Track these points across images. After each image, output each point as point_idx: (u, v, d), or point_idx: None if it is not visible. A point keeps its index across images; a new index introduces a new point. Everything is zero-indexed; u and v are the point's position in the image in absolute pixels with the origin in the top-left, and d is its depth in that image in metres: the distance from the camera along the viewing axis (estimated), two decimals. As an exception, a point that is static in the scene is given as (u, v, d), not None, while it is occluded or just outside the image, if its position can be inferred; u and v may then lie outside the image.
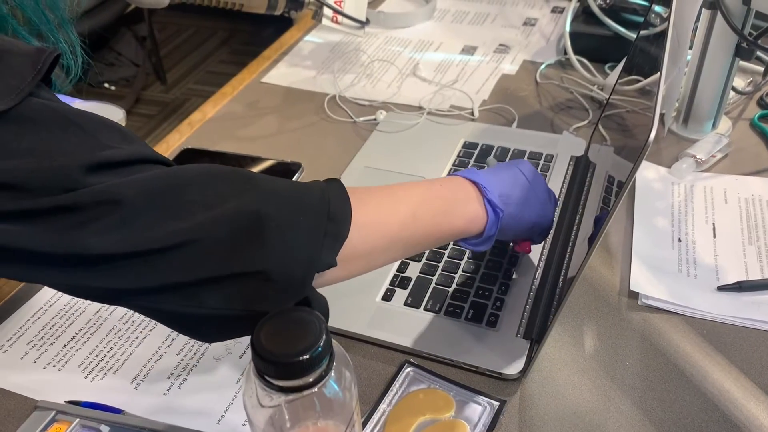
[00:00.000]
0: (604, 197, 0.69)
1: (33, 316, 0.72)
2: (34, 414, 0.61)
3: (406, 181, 0.61)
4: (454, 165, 0.91)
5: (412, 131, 0.99)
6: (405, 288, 0.72)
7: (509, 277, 0.72)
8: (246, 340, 0.64)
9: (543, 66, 1.12)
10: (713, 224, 0.80)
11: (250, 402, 0.45)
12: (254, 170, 0.91)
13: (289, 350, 0.42)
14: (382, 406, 0.61)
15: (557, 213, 0.79)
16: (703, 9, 0.85)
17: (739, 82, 0.99)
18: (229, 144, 0.99)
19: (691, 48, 0.90)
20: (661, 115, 0.94)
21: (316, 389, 0.43)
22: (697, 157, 0.87)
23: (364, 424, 0.60)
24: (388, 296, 0.72)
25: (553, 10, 1.30)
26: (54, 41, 0.55)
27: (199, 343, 0.68)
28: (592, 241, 0.57)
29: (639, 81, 0.94)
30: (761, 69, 0.99)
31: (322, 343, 0.42)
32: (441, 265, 0.75)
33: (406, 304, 0.71)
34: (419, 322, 0.69)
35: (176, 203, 0.45)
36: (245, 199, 0.48)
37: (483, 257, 0.75)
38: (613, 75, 1.03)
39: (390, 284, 0.73)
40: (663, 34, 0.61)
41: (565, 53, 1.11)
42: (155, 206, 0.45)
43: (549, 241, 0.76)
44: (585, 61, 1.08)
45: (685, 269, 0.74)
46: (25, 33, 0.53)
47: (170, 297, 0.46)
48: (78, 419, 0.60)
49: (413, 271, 0.74)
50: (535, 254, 0.75)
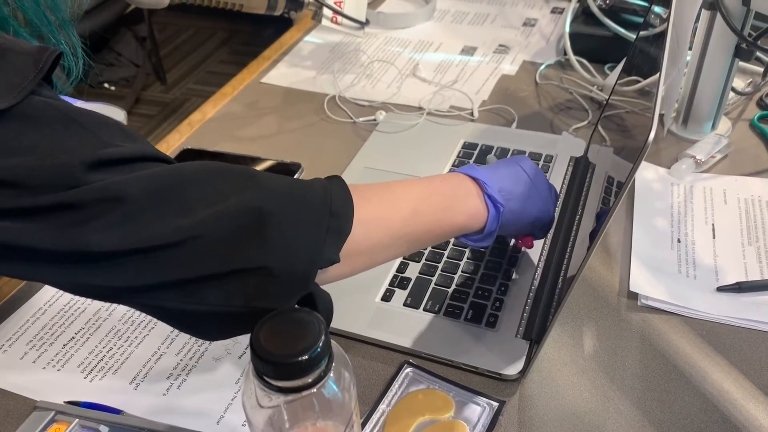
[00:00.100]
0: (604, 198, 0.69)
1: (32, 317, 0.72)
2: (33, 414, 0.61)
3: (407, 179, 0.61)
4: (453, 165, 0.91)
5: (411, 132, 0.99)
6: (404, 288, 0.72)
7: (509, 278, 0.72)
8: (245, 340, 0.64)
9: (543, 66, 1.12)
10: (713, 225, 0.80)
11: (249, 402, 0.45)
12: (254, 170, 0.90)
13: (288, 351, 0.42)
14: (382, 406, 0.61)
15: (558, 212, 0.79)
16: (702, 10, 0.85)
17: (738, 83, 0.99)
18: (229, 144, 0.99)
19: (690, 49, 0.90)
20: (661, 116, 0.95)
21: (315, 390, 0.43)
22: (697, 157, 0.87)
23: (364, 425, 0.60)
24: (387, 297, 0.72)
25: (553, 11, 1.30)
26: (55, 43, 0.55)
27: (199, 343, 0.68)
28: (593, 238, 0.57)
29: (638, 81, 0.94)
30: (761, 70, 0.99)
31: (321, 344, 0.42)
32: (440, 265, 0.75)
33: (405, 304, 0.71)
34: (419, 323, 0.69)
35: (178, 200, 0.45)
36: (247, 196, 0.48)
37: (482, 258, 0.75)
38: (613, 76, 1.03)
39: (389, 285, 0.73)
40: (662, 35, 0.61)
41: (565, 54, 1.11)
42: (157, 203, 0.45)
43: (548, 241, 0.76)
44: (584, 61, 1.08)
45: (685, 270, 0.74)
46: (26, 35, 0.52)
47: (171, 294, 0.46)
48: (77, 419, 0.60)
49: (413, 271, 0.74)
50: (535, 255, 0.75)
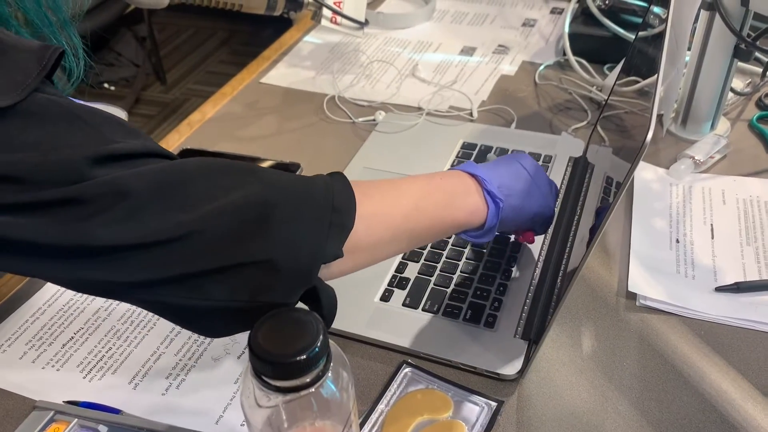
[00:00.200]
0: (603, 198, 0.69)
1: (32, 317, 0.72)
2: (32, 414, 0.61)
3: (407, 176, 0.62)
4: (452, 166, 0.91)
5: (411, 132, 0.99)
6: (403, 288, 0.72)
7: (507, 278, 0.73)
8: (244, 340, 0.64)
9: (542, 67, 1.12)
10: (711, 225, 0.80)
11: (248, 402, 0.46)
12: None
13: (287, 350, 0.42)
14: (380, 406, 0.61)
15: (556, 213, 0.79)
16: (701, 10, 0.85)
17: (737, 83, 0.99)
18: (229, 144, 0.99)
19: (689, 49, 0.90)
20: (660, 116, 0.95)
21: (313, 389, 0.44)
22: (696, 158, 0.87)
23: (363, 424, 0.60)
24: (386, 297, 0.72)
25: (552, 11, 1.30)
26: (56, 43, 0.55)
27: (198, 343, 0.69)
28: (592, 234, 0.57)
29: (637, 82, 0.94)
30: (760, 70, 0.99)
31: (319, 344, 0.42)
32: (439, 265, 0.75)
33: (404, 304, 0.71)
34: (417, 323, 0.69)
35: (181, 195, 0.46)
36: (250, 191, 0.48)
37: (481, 258, 0.75)
38: (612, 76, 1.03)
39: (388, 285, 0.73)
40: (661, 36, 0.61)
41: (564, 54, 1.11)
42: (161, 198, 0.45)
43: (547, 241, 0.76)
44: (584, 62, 1.08)
45: (683, 270, 0.74)
46: (27, 35, 0.52)
47: (174, 289, 0.46)
48: (76, 419, 0.60)
49: (411, 271, 0.74)
50: (534, 255, 0.75)
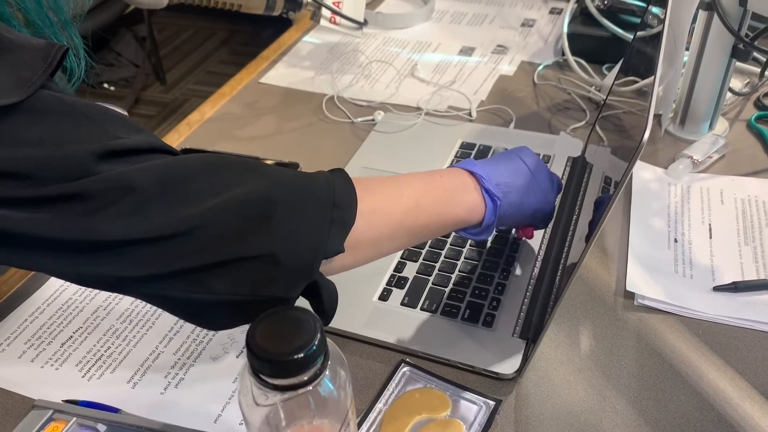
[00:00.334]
0: (601, 198, 0.69)
1: (31, 316, 0.72)
2: (31, 413, 0.61)
3: (406, 173, 0.62)
4: (451, 165, 0.91)
5: (409, 132, 0.99)
6: (402, 288, 0.73)
7: (506, 278, 0.73)
8: (243, 338, 0.64)
9: (541, 67, 1.12)
10: (709, 225, 0.80)
11: (246, 401, 0.46)
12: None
13: (284, 349, 0.42)
14: (378, 405, 0.62)
15: (555, 213, 0.79)
16: (699, 10, 0.86)
17: (735, 83, 0.99)
18: (228, 144, 0.99)
19: (688, 49, 0.90)
20: (659, 116, 0.95)
21: (310, 388, 0.44)
22: (694, 158, 0.87)
23: (361, 423, 0.60)
24: (384, 296, 0.72)
25: (551, 12, 1.30)
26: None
27: (197, 342, 0.69)
28: (591, 230, 0.57)
29: (636, 82, 0.94)
30: (758, 70, 0.99)
31: (316, 342, 0.43)
32: (438, 265, 0.75)
33: (402, 303, 0.71)
34: (416, 322, 0.69)
35: (185, 190, 0.46)
36: (252, 186, 0.49)
37: (479, 257, 0.75)
38: (611, 76, 1.03)
39: (387, 284, 0.73)
40: (659, 36, 0.61)
41: (563, 54, 1.11)
42: (165, 193, 0.46)
43: (546, 240, 0.76)
44: (582, 62, 1.09)
45: (681, 270, 0.74)
46: (28, 35, 0.53)
47: (177, 283, 0.47)
48: (75, 418, 0.60)
49: (410, 271, 0.74)
50: (532, 254, 0.75)
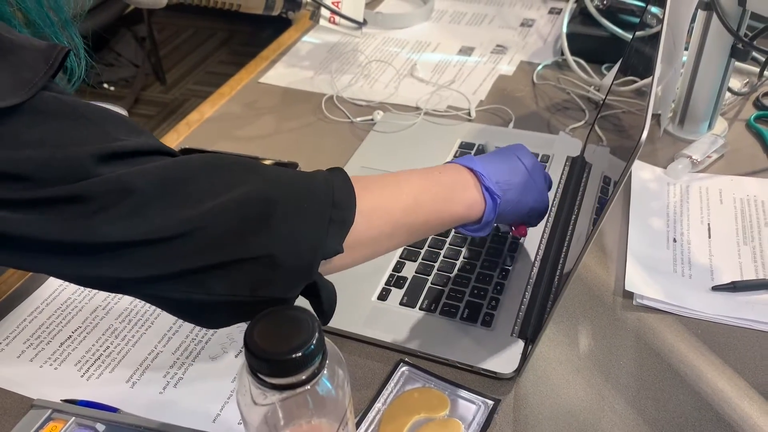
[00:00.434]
0: (600, 198, 0.69)
1: (30, 315, 0.72)
2: (30, 412, 0.61)
3: (405, 170, 0.62)
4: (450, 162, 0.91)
5: (409, 131, 0.99)
6: (401, 288, 0.73)
7: (504, 277, 0.73)
8: (242, 338, 0.64)
9: (540, 67, 1.12)
10: (708, 224, 0.80)
11: (244, 400, 0.46)
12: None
13: (282, 348, 0.42)
14: (377, 404, 0.62)
15: (553, 212, 0.79)
16: (698, 10, 0.86)
17: (735, 83, 0.99)
18: (227, 144, 0.99)
19: (686, 49, 0.90)
20: (658, 116, 0.95)
21: (309, 387, 0.44)
22: (693, 157, 0.88)
23: (360, 423, 0.60)
24: (383, 296, 0.72)
25: (551, 11, 1.30)
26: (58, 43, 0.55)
27: (195, 342, 0.69)
28: (590, 230, 0.57)
29: (635, 82, 0.94)
30: (757, 70, 0.99)
31: (314, 341, 0.43)
32: (437, 265, 0.75)
33: (401, 303, 0.71)
34: (414, 322, 0.69)
35: (185, 192, 0.47)
36: (251, 187, 0.49)
37: (478, 257, 0.75)
38: (610, 76, 1.03)
39: (386, 284, 0.73)
40: (658, 35, 0.61)
41: (562, 54, 1.11)
42: (165, 195, 0.46)
43: (544, 240, 0.76)
44: (582, 61, 1.09)
45: (680, 269, 0.74)
46: (29, 35, 0.53)
47: (178, 284, 0.47)
48: (74, 417, 0.60)
49: (409, 270, 0.74)
50: (531, 254, 0.76)
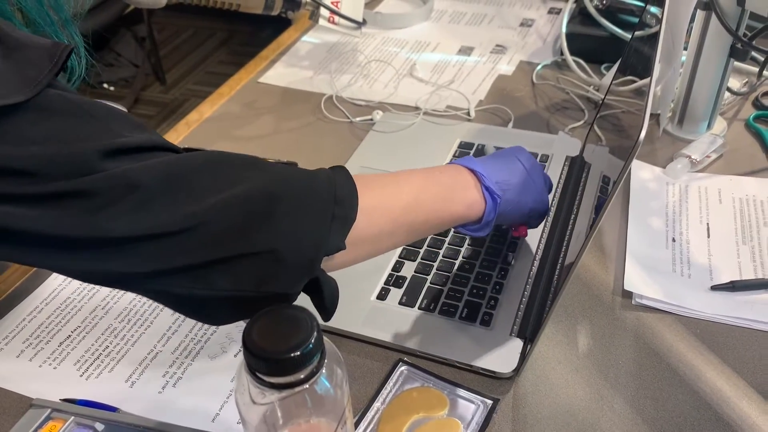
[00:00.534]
0: (599, 197, 0.69)
1: (29, 315, 0.72)
2: (29, 412, 0.61)
3: (406, 169, 0.62)
4: (450, 162, 0.91)
5: (408, 131, 0.99)
6: (400, 287, 0.73)
7: (504, 277, 0.73)
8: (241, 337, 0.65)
9: (539, 67, 1.12)
10: (707, 224, 0.80)
11: (243, 400, 0.46)
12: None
13: (281, 347, 0.42)
14: (376, 404, 0.62)
15: (553, 212, 0.79)
16: (697, 10, 0.86)
17: (734, 83, 0.99)
18: (226, 144, 0.99)
19: (685, 49, 0.90)
20: (657, 116, 0.95)
21: (307, 386, 0.44)
22: (692, 157, 0.88)
23: (359, 422, 0.60)
24: (382, 295, 0.72)
25: (550, 11, 1.30)
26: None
27: (195, 341, 0.69)
28: (588, 229, 0.57)
29: (634, 81, 0.94)
30: (756, 69, 0.99)
31: (313, 340, 0.43)
32: (436, 264, 0.75)
33: (400, 303, 0.71)
34: (413, 321, 0.69)
35: (189, 187, 0.47)
36: (255, 182, 0.49)
37: (477, 257, 0.75)
38: (609, 76, 1.03)
39: (385, 283, 0.73)
40: (657, 35, 0.61)
41: (562, 54, 1.11)
42: (169, 190, 0.46)
43: (544, 240, 0.77)
44: (581, 61, 1.09)
45: (679, 269, 0.74)
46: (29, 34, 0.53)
47: (181, 279, 0.47)
48: (73, 417, 0.60)
49: (408, 270, 0.75)
50: (530, 253, 0.76)
